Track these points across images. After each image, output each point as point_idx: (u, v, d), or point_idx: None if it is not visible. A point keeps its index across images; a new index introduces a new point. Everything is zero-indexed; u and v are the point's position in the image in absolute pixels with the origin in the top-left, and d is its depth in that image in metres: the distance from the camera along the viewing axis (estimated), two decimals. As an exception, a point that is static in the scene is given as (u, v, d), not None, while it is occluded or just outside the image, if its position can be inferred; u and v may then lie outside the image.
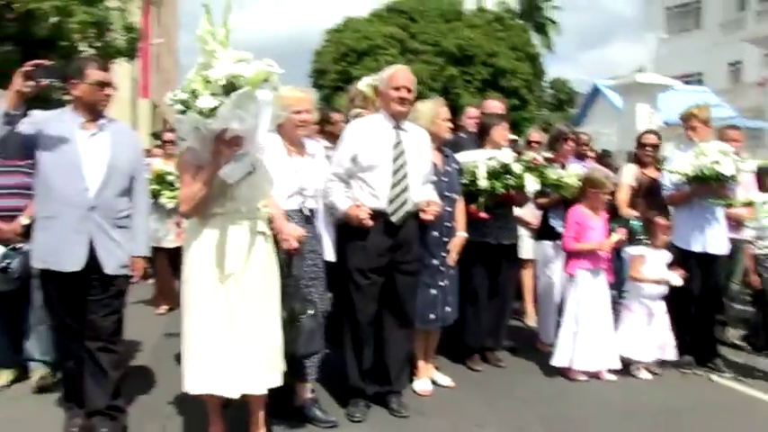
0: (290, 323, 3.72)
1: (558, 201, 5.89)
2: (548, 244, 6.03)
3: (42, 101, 4.04)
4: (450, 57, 31.02)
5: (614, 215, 6.35)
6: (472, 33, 31.40)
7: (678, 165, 5.50)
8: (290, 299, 3.77)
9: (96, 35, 19.36)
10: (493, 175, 5.22)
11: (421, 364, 4.98)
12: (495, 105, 6.63)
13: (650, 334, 5.34)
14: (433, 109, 4.92)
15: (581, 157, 7.37)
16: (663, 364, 5.42)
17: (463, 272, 5.16)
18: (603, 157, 10.11)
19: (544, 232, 6.11)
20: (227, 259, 3.50)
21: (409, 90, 4.42)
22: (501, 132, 5.54)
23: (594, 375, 5.19)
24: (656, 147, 6.52)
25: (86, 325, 3.92)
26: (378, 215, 4.28)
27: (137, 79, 29.55)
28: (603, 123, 15.75)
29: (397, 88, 4.39)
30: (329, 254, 4.35)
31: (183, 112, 3.30)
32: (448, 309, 4.87)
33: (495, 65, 30.79)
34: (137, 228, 4.02)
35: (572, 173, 5.83)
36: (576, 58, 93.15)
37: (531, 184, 5.36)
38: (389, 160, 4.36)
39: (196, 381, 3.51)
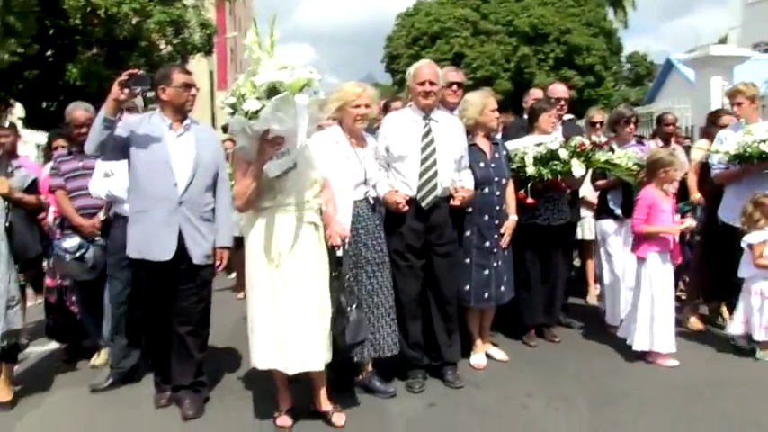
0: (338, 315, 4.01)
1: (615, 183, 5.92)
2: (606, 223, 6.07)
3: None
4: (523, 36, 30.97)
5: (682, 198, 6.46)
6: (545, 11, 31.26)
7: (726, 144, 5.61)
8: (337, 292, 4.04)
9: (174, 33, 20.24)
10: (540, 161, 5.41)
11: (477, 340, 5.28)
12: (560, 90, 6.63)
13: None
14: (481, 100, 5.12)
15: (667, 138, 7.35)
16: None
17: (516, 253, 5.39)
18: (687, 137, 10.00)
19: (602, 212, 6.16)
20: (278, 248, 3.87)
21: (432, 83, 4.69)
22: (548, 119, 5.70)
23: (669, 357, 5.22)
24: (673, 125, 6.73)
25: (176, 311, 4.35)
26: (410, 201, 4.58)
27: (213, 72, 30.57)
28: (677, 99, 15.44)
29: (422, 83, 4.69)
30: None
31: (231, 114, 3.70)
32: (502, 288, 5.12)
33: (568, 42, 30.61)
34: (220, 220, 4.39)
35: (622, 155, 5.84)
36: (657, 29, 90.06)
37: (578, 170, 5.46)
38: (418, 150, 4.65)
39: (260, 357, 3.94)
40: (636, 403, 4.41)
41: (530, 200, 5.45)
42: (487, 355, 5.31)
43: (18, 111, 17.96)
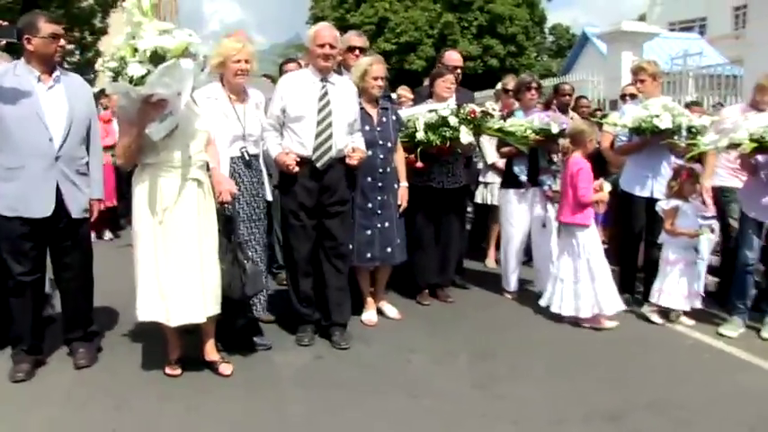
0: (234, 268, 4.16)
1: (518, 151, 5.98)
2: (510, 192, 6.15)
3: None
4: (448, 3, 30.85)
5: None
6: (470, -22, 31.19)
7: (625, 117, 5.87)
8: (233, 247, 4.21)
9: None
10: (431, 127, 5.58)
11: (368, 298, 5.47)
12: (455, 57, 6.71)
13: (684, 284, 5.48)
14: (363, 66, 5.20)
15: (564, 108, 7.62)
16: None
17: (410, 214, 5.58)
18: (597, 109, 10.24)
19: (508, 180, 6.23)
20: (161, 203, 3.94)
21: (332, 46, 4.77)
22: (443, 85, 5.84)
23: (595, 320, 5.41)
24: (570, 95, 7.28)
25: (60, 267, 4.35)
26: (305, 161, 4.69)
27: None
28: (591, 71, 15.89)
29: (322, 45, 4.73)
30: (269, 195, 4.85)
31: (114, 79, 3.67)
32: (389, 249, 5.27)
33: (492, 11, 30.58)
34: (93, 172, 4.36)
35: (516, 123, 6.01)
36: (586, 2, 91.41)
37: (465, 137, 5.62)
38: (315, 111, 4.73)
39: (142, 310, 4.04)
40: (514, 358, 4.64)
41: (419, 164, 5.62)
42: (381, 313, 5.50)
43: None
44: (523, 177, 6.04)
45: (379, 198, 5.22)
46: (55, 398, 3.92)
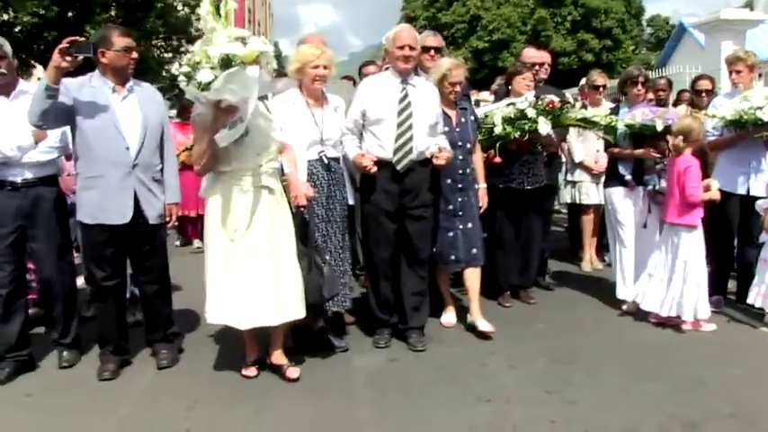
0: (311, 271, 4.23)
1: (629, 154, 5.67)
2: (615, 191, 5.80)
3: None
4: (540, -2, 30.59)
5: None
6: (563, -27, 30.71)
7: (721, 110, 5.62)
8: (308, 250, 4.27)
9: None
10: (508, 121, 5.51)
11: (448, 300, 5.43)
12: (533, 54, 6.60)
13: None
14: (441, 71, 5.11)
15: (660, 104, 7.02)
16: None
17: (491, 215, 5.59)
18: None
19: (612, 179, 5.92)
20: (233, 211, 4.06)
21: (412, 47, 4.76)
22: (522, 82, 5.75)
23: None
24: (710, 92, 6.57)
25: (140, 271, 4.54)
26: (385, 164, 4.66)
27: (231, 33, 30.58)
28: (689, 63, 15.32)
29: (402, 47, 4.73)
30: (350, 198, 4.84)
31: (186, 84, 3.79)
32: (474, 251, 5.17)
33: (586, 5, 30.19)
34: (168, 178, 4.49)
35: (600, 113, 5.80)
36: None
37: (544, 127, 5.48)
38: (395, 113, 4.71)
39: (212, 313, 4.17)
40: (593, 362, 4.51)
41: (497, 159, 5.55)
42: (473, 329, 5.14)
43: (39, 72, 18.19)
44: (628, 177, 5.72)
45: (460, 199, 5.15)
46: (134, 396, 4.07)
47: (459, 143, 5.15)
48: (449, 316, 5.40)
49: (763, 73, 13.25)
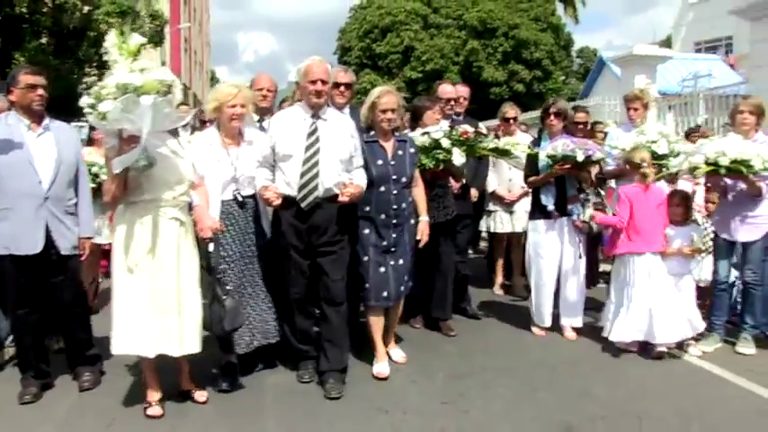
0: (215, 305, 4.29)
1: (546, 179, 5.76)
2: (539, 223, 5.90)
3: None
4: (472, 30, 31.46)
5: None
6: (494, 6, 31.70)
7: (621, 142, 6.14)
8: (212, 284, 4.31)
9: (123, 24, 20.26)
10: (423, 151, 5.46)
11: (379, 347, 5.11)
12: (446, 90, 6.69)
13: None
14: (370, 99, 5.03)
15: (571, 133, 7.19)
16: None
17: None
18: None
19: (536, 210, 5.97)
20: (140, 240, 4.13)
21: (324, 81, 4.64)
22: (431, 116, 5.80)
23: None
24: (585, 123, 7.26)
25: (56, 301, 4.65)
26: (291, 202, 4.57)
27: (166, 63, 30.59)
28: (608, 95, 16.12)
29: (314, 81, 4.61)
30: (267, 231, 4.84)
31: (90, 114, 3.88)
32: (402, 288, 5.09)
33: (516, 37, 31.11)
34: (81, 213, 4.69)
35: (513, 142, 6.11)
36: (621, 23, 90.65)
37: (458, 158, 5.53)
38: (302, 149, 4.60)
39: (117, 343, 4.17)
40: (490, 378, 4.87)
41: None
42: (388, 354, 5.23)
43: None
44: (551, 207, 5.79)
45: (394, 235, 4.98)
46: (56, 418, 4.24)
47: (394, 176, 4.98)
48: (381, 366, 5.01)
49: (673, 105, 14.10)
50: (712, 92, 12.90)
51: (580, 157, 5.48)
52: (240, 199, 4.68)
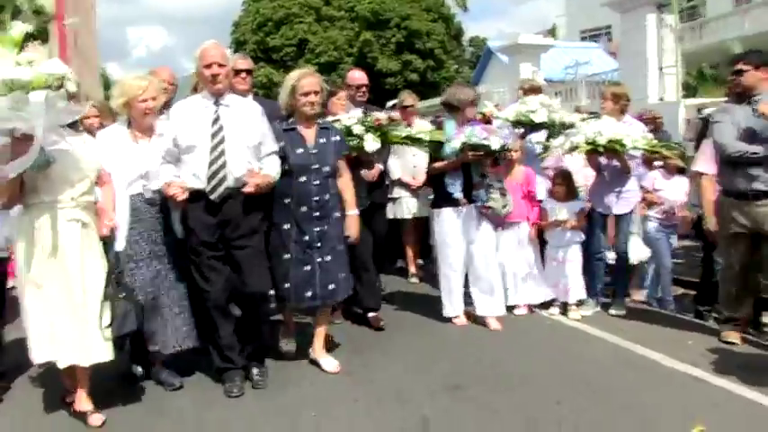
0: (108, 307, 3.98)
1: (453, 165, 5.70)
2: (446, 211, 5.83)
3: None
4: (365, 21, 31.71)
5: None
6: (386, -2, 32.05)
7: (504, 113, 6.70)
8: (107, 284, 4.03)
9: (3, 21, 19.44)
10: None
11: (315, 343, 4.97)
12: (356, 77, 6.57)
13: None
14: (288, 83, 4.81)
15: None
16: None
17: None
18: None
19: (440, 198, 5.90)
20: (41, 244, 3.88)
21: (221, 65, 4.39)
22: (337, 103, 5.83)
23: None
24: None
25: None
26: (200, 194, 4.33)
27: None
28: (497, 83, 16.86)
29: (209, 65, 4.38)
30: (178, 231, 4.53)
31: None
32: (331, 286, 4.79)
33: (409, 27, 31.55)
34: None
35: (424, 129, 6.26)
36: (511, 12, 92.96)
37: (371, 144, 5.49)
38: (207, 138, 4.36)
39: (35, 352, 3.95)
40: (393, 349, 5.29)
41: None
42: (316, 364, 4.93)
43: None
44: (458, 194, 5.73)
45: (317, 230, 4.73)
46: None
47: (316, 166, 4.75)
48: (327, 362, 4.88)
49: (559, 92, 14.92)
50: (592, 78, 13.78)
51: (495, 146, 5.52)
52: (149, 195, 4.46)
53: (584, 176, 6.54)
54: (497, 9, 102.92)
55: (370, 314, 5.89)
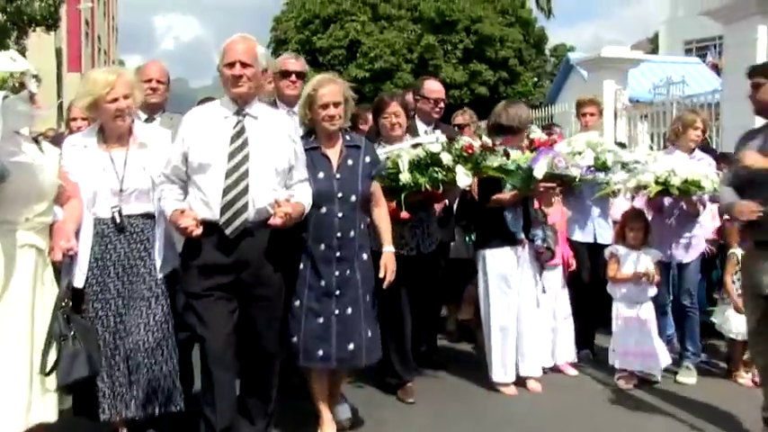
0: (49, 347, 3.75)
1: (520, 198, 5.67)
2: (503, 252, 5.72)
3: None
4: (429, 23, 31.82)
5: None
6: (454, -4, 32.00)
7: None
8: (52, 320, 3.81)
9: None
10: (417, 166, 5.13)
11: (324, 414, 4.78)
12: (434, 88, 6.48)
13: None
14: (305, 92, 4.64)
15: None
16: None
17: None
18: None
19: (497, 236, 5.76)
20: None
21: (245, 64, 4.12)
22: (388, 122, 5.51)
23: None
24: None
25: None
26: (211, 228, 4.02)
27: (63, 49, 30.27)
28: (574, 102, 16.80)
29: (230, 64, 4.11)
30: (158, 267, 4.29)
31: None
32: (350, 346, 4.51)
33: (479, 32, 31.56)
34: None
35: (521, 158, 5.67)
36: (608, 16, 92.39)
37: (464, 179, 5.21)
38: (224, 157, 4.06)
39: None
40: (405, 409, 5.37)
41: (404, 213, 5.14)
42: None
43: None
44: (521, 235, 5.71)
45: (337, 273, 4.48)
46: None
47: (340, 194, 4.50)
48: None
49: (645, 115, 14.78)
50: (689, 99, 13.60)
51: (575, 174, 5.58)
52: (118, 219, 4.20)
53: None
54: (594, 12, 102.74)
55: (400, 385, 5.61)
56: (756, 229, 4.55)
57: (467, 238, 6.62)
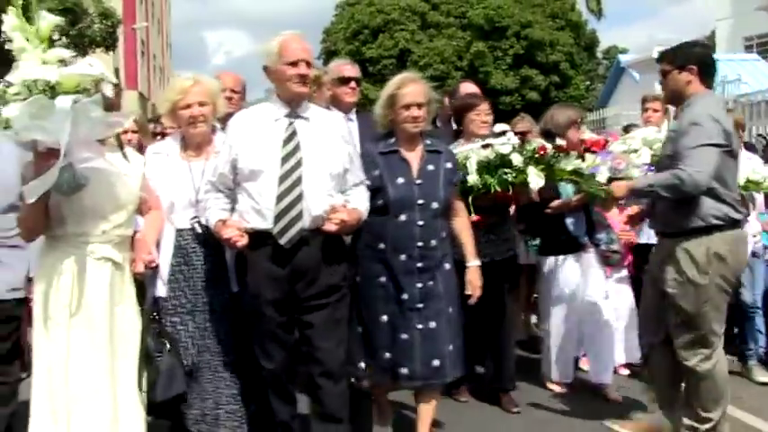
0: (145, 364, 3.65)
1: (578, 204, 5.54)
2: (567, 260, 5.65)
3: None
4: (478, 30, 32.04)
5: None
6: (502, 2, 32.15)
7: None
8: (144, 335, 3.70)
9: (69, 23, 20.01)
10: (487, 168, 4.94)
11: (387, 413, 4.65)
12: (470, 88, 6.37)
13: None
14: (387, 91, 4.36)
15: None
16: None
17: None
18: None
19: (559, 241, 5.67)
20: (62, 290, 3.53)
21: (309, 63, 3.95)
22: (476, 120, 5.32)
23: None
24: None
25: None
26: (264, 237, 3.85)
27: (120, 69, 31.15)
28: (627, 104, 16.88)
29: (294, 63, 3.87)
30: (233, 283, 4.14)
31: None
32: (436, 362, 4.23)
33: (529, 37, 31.62)
34: (34, 246, 3.90)
35: (595, 161, 5.37)
36: (661, 15, 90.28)
37: (536, 180, 4.96)
38: (277, 162, 3.85)
39: None
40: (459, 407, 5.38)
41: (473, 216, 4.88)
42: None
43: None
44: (585, 238, 5.62)
45: (420, 285, 4.22)
46: None
47: (421, 201, 4.26)
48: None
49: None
50: (746, 98, 13.54)
51: (637, 175, 5.22)
52: (200, 230, 4.07)
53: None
54: (646, 11, 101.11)
55: (502, 394, 5.45)
56: None
57: (526, 243, 6.45)
